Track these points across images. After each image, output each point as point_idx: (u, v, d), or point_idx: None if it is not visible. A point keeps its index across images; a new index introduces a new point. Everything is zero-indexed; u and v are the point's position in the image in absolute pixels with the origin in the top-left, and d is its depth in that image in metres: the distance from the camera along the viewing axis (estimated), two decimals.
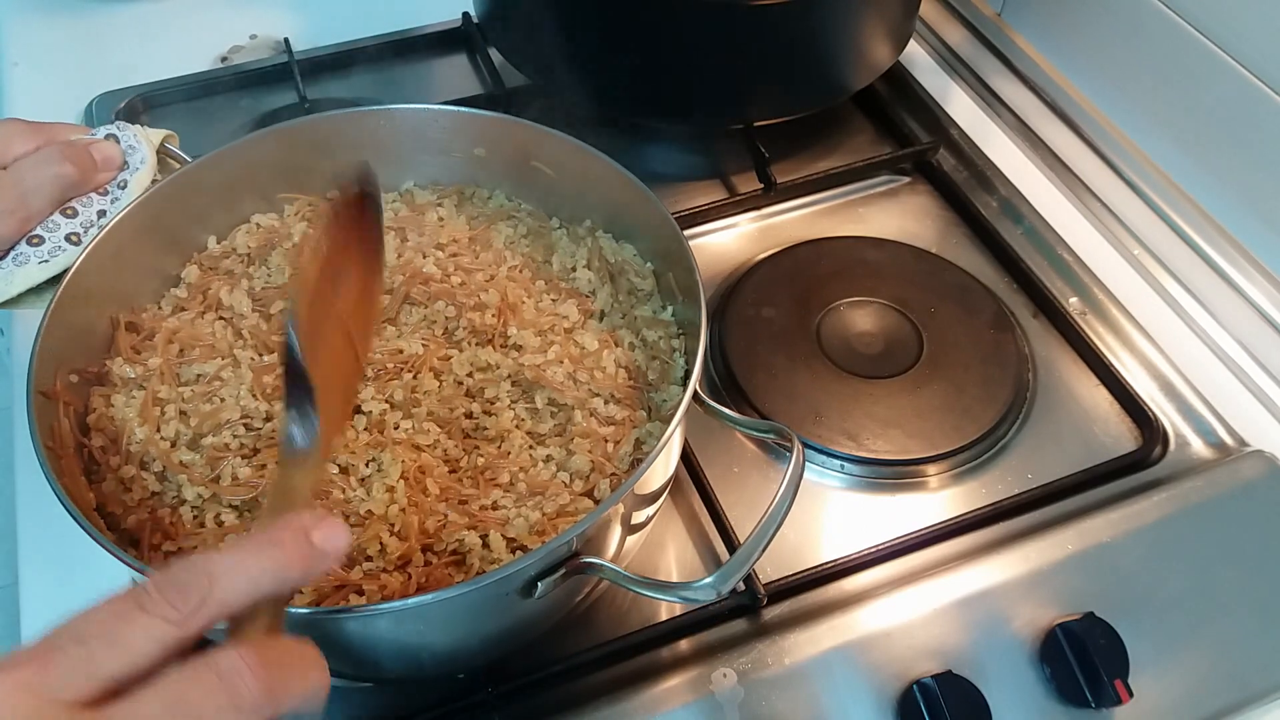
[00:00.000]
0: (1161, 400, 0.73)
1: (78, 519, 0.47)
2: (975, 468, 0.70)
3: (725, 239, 0.84)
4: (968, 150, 0.90)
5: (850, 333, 0.75)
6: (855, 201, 0.88)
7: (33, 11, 1.02)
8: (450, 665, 0.58)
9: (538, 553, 0.47)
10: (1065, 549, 0.63)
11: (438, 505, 0.54)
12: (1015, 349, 0.75)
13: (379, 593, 0.51)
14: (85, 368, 0.59)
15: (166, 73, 0.95)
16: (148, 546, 0.53)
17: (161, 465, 0.56)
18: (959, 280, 0.79)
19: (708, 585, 0.48)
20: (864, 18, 0.83)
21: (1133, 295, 0.80)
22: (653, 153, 0.91)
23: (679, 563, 0.65)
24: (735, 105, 0.85)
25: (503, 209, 0.71)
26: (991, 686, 0.57)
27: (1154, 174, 0.84)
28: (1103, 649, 0.57)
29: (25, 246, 0.57)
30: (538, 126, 0.66)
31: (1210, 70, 0.76)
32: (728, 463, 0.69)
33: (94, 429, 0.57)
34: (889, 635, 0.59)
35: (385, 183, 0.71)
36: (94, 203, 0.60)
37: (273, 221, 0.68)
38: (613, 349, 0.62)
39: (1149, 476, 0.69)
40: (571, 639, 0.60)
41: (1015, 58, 0.96)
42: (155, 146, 0.63)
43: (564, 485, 0.56)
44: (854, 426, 0.70)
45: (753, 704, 0.57)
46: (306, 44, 0.97)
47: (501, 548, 0.53)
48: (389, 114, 0.68)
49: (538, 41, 0.86)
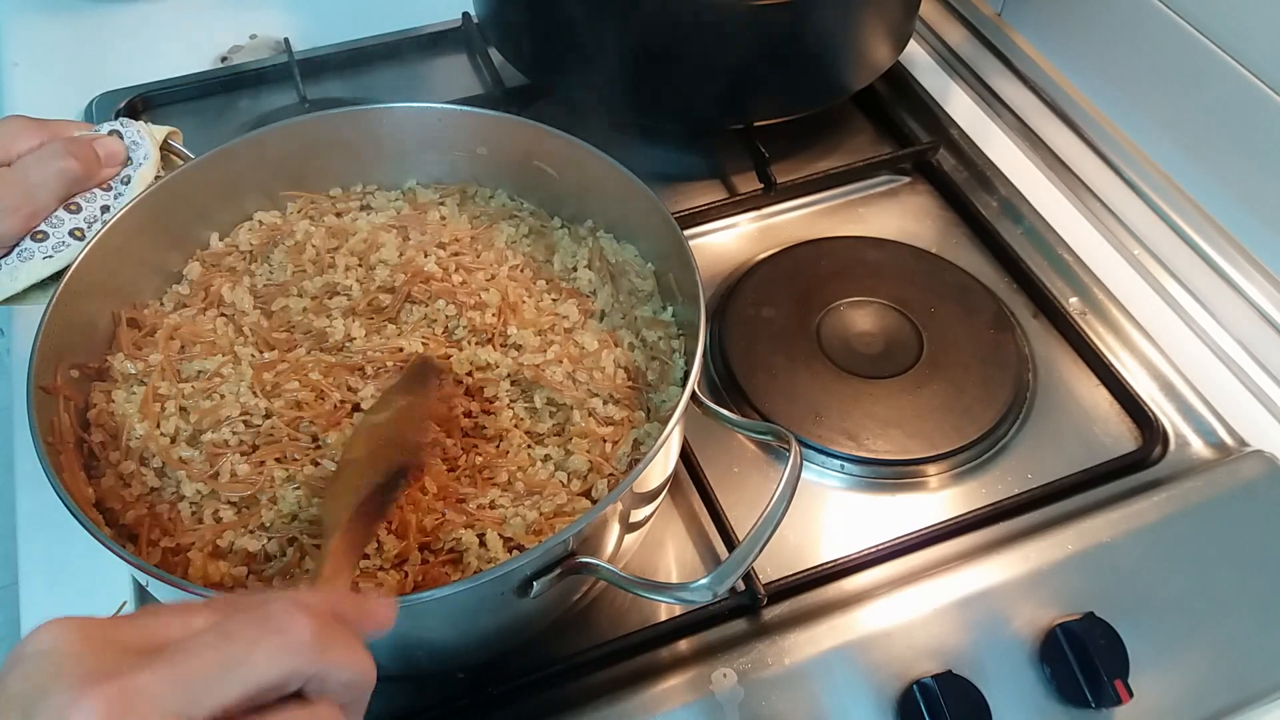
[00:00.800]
0: (1161, 400, 0.73)
1: (75, 514, 0.47)
2: (975, 468, 0.70)
3: (725, 239, 0.84)
4: (968, 150, 0.90)
5: (850, 333, 0.75)
6: (855, 201, 0.88)
7: (33, 11, 1.03)
8: (447, 663, 0.58)
9: (533, 552, 0.47)
10: (1065, 549, 0.63)
11: (435, 503, 0.54)
12: (1015, 349, 0.75)
13: (376, 591, 0.51)
14: (86, 363, 0.59)
15: (166, 73, 0.95)
16: (146, 542, 0.53)
17: (161, 461, 0.56)
18: (959, 280, 0.79)
19: (704, 586, 0.48)
20: (864, 18, 0.83)
21: (1133, 295, 0.80)
22: (653, 153, 0.90)
23: (678, 562, 0.65)
24: (735, 105, 0.85)
25: (505, 208, 0.71)
26: (991, 686, 0.57)
27: (1154, 174, 0.84)
28: (1103, 649, 0.57)
29: (30, 242, 0.57)
30: (540, 126, 0.66)
31: (1210, 70, 0.76)
32: (728, 462, 0.69)
33: (94, 424, 0.57)
34: (889, 635, 0.59)
35: (387, 181, 0.71)
36: (98, 198, 0.60)
37: (275, 219, 0.68)
38: (612, 349, 0.62)
39: (1149, 476, 0.69)
40: (571, 639, 0.60)
41: (1015, 58, 0.96)
42: (159, 142, 0.63)
43: (562, 485, 0.56)
44: (854, 426, 0.70)
45: (753, 704, 0.57)
46: (306, 44, 0.97)
47: (498, 547, 0.53)
48: (391, 113, 0.68)
49: (538, 41, 0.86)
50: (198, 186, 0.64)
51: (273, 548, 0.53)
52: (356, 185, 0.71)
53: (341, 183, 0.70)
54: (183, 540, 0.53)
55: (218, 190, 0.66)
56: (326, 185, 0.70)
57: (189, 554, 0.52)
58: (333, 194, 0.70)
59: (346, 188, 0.71)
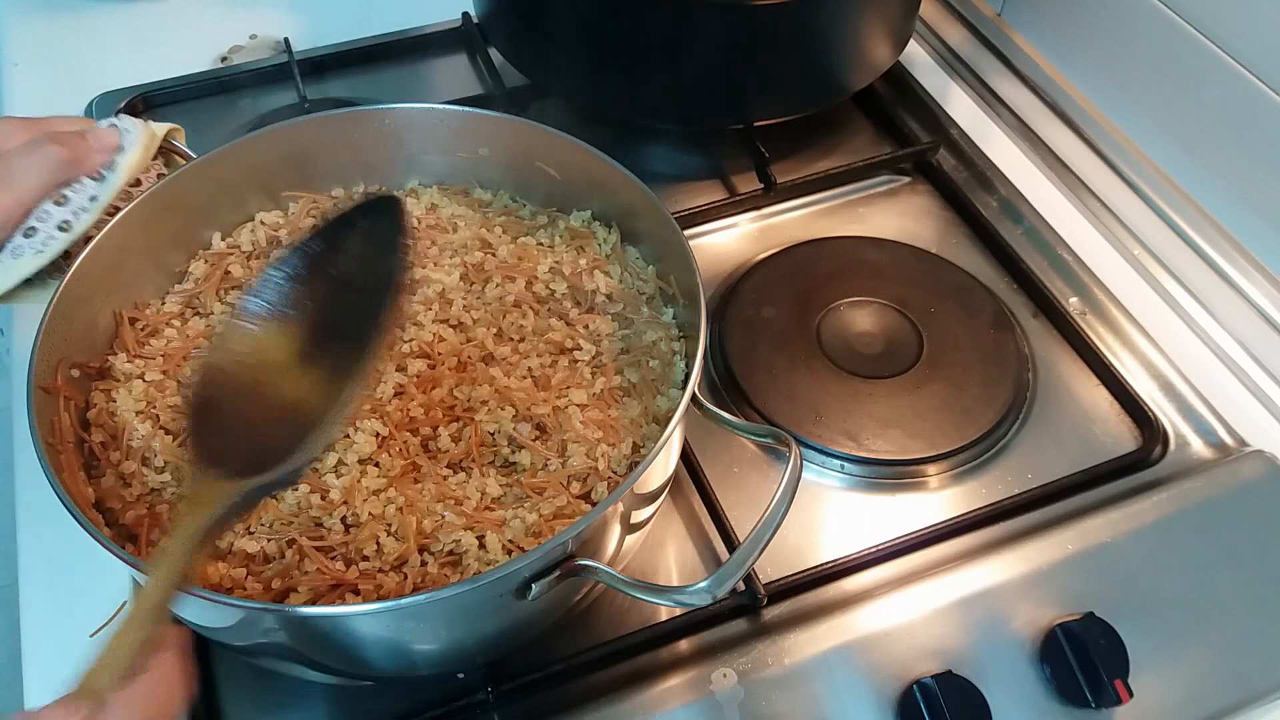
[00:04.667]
0: (1161, 400, 0.73)
1: (74, 514, 0.47)
2: (975, 468, 0.70)
3: (725, 239, 0.84)
4: (968, 150, 0.90)
5: (850, 333, 0.75)
6: (855, 201, 0.87)
7: (33, 11, 1.03)
8: (447, 665, 0.58)
9: (532, 554, 0.47)
10: (1065, 549, 0.63)
11: (435, 506, 0.54)
12: (1015, 349, 0.75)
13: (375, 592, 0.51)
14: (87, 363, 0.59)
15: (166, 73, 0.95)
16: (145, 542, 0.53)
17: (164, 460, 0.56)
18: (959, 280, 0.79)
19: (703, 589, 0.48)
20: (864, 18, 0.83)
21: (1133, 295, 0.80)
22: (653, 153, 0.90)
23: (679, 563, 0.65)
24: (735, 105, 0.85)
25: (535, 221, 0.70)
26: (991, 686, 0.57)
27: (1154, 174, 0.84)
28: (1103, 649, 0.57)
29: (20, 239, 0.57)
30: (542, 127, 0.66)
31: (1210, 70, 0.76)
32: (728, 463, 0.69)
33: (94, 424, 0.57)
34: (889, 635, 0.59)
35: (388, 182, 0.71)
36: (86, 188, 0.59)
37: (277, 219, 0.68)
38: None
39: (1149, 476, 0.69)
40: (571, 639, 0.60)
41: (1015, 58, 0.96)
42: (159, 137, 0.63)
43: (562, 487, 0.56)
44: (854, 426, 0.70)
45: (753, 704, 0.57)
46: (306, 44, 0.97)
47: (498, 549, 0.53)
48: (393, 113, 0.68)
49: (538, 41, 0.86)
50: (199, 186, 0.64)
51: (271, 549, 0.53)
52: (358, 185, 0.71)
53: (343, 183, 0.70)
54: None
55: (219, 190, 0.66)
56: (328, 185, 0.70)
57: None
58: (334, 194, 0.70)
59: (348, 188, 0.71)
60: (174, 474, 0.56)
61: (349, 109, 0.68)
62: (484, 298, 0.64)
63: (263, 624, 0.49)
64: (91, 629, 0.59)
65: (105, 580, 0.62)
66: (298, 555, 0.53)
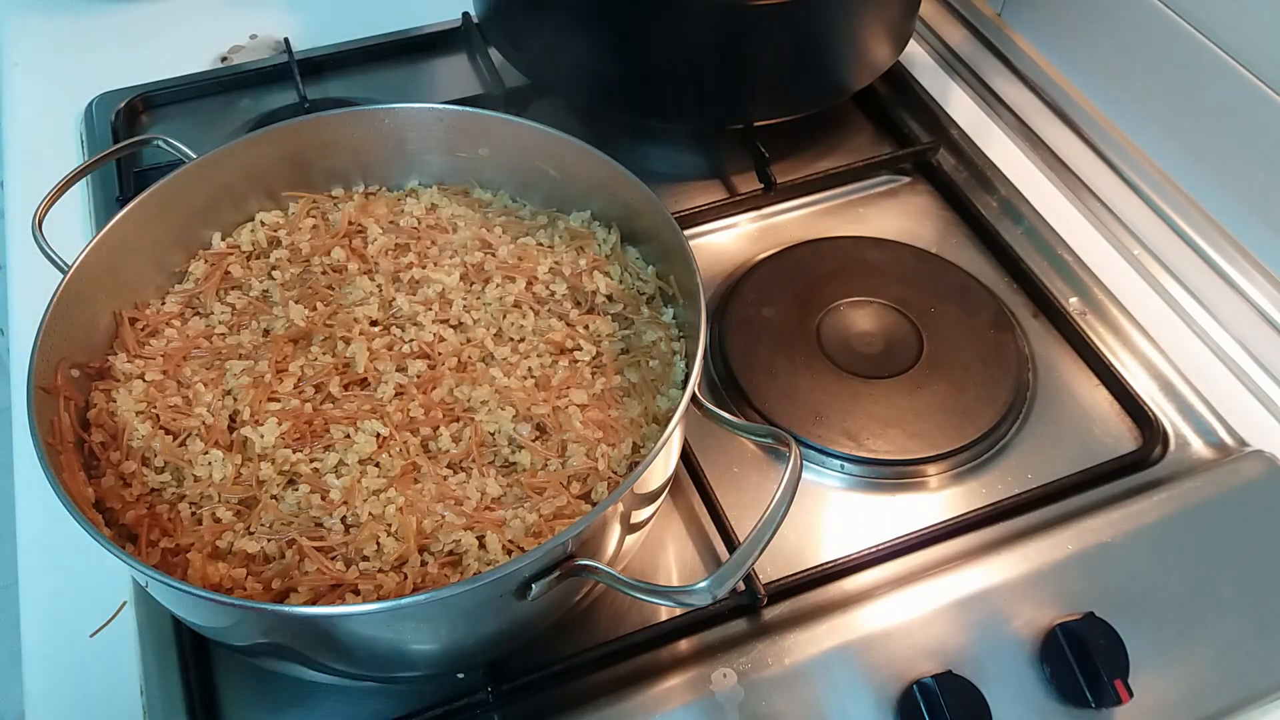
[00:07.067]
0: (1161, 400, 0.73)
1: (74, 514, 0.47)
2: (975, 468, 0.70)
3: (725, 239, 0.84)
4: (968, 150, 0.90)
5: (850, 333, 0.75)
6: (855, 201, 0.88)
7: (33, 11, 1.03)
8: (447, 665, 0.58)
9: (532, 554, 0.47)
10: (1065, 549, 0.63)
11: (435, 506, 0.54)
12: (1015, 349, 0.75)
13: (375, 592, 0.51)
14: (87, 363, 0.59)
15: (166, 73, 0.95)
16: (145, 543, 0.53)
17: (164, 460, 0.56)
18: (959, 280, 0.79)
19: (703, 589, 0.48)
20: (864, 18, 0.83)
21: (1133, 295, 0.80)
22: (653, 153, 0.90)
23: (679, 562, 0.65)
24: (735, 105, 0.85)
25: (536, 221, 0.70)
26: (991, 686, 0.57)
27: (1154, 174, 0.84)
28: (1103, 649, 0.57)
29: None
30: (542, 127, 0.66)
31: (1210, 70, 0.76)
32: (728, 463, 0.69)
33: (94, 424, 0.57)
34: (889, 635, 0.59)
35: (389, 182, 0.71)
36: None
37: (277, 219, 0.68)
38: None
39: (1149, 476, 0.69)
40: (571, 639, 0.60)
41: (1015, 58, 0.96)
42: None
43: (562, 487, 0.56)
44: (854, 426, 0.70)
45: (753, 704, 0.57)
46: (306, 44, 0.97)
47: (498, 549, 0.53)
48: (393, 113, 0.68)
49: (538, 41, 0.86)
50: (199, 186, 0.64)
51: (271, 549, 0.53)
52: (358, 185, 0.71)
53: (343, 183, 0.70)
54: (182, 541, 0.53)
55: (219, 190, 0.66)
56: (328, 185, 0.70)
57: (188, 555, 0.52)
58: (334, 194, 0.70)
59: (348, 188, 0.71)
60: (174, 474, 0.56)
61: (349, 109, 0.68)
62: (484, 298, 0.64)
63: (263, 624, 0.49)
64: (91, 629, 0.59)
65: (105, 580, 0.62)
66: (298, 555, 0.53)
